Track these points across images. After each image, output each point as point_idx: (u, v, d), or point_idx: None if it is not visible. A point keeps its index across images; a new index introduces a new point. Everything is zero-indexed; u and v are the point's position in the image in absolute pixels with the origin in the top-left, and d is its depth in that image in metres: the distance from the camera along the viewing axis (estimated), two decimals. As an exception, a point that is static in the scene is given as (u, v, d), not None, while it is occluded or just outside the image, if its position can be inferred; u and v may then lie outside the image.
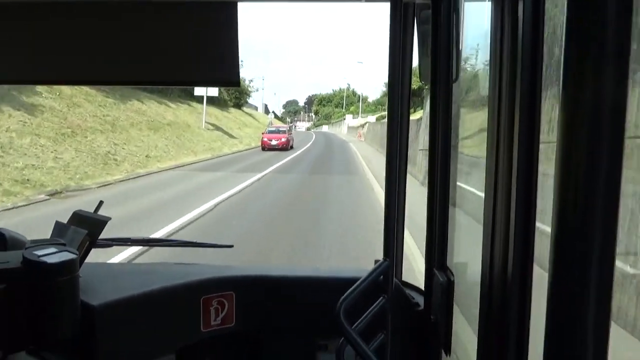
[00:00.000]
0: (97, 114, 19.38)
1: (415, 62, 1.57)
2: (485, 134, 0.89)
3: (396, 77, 1.12)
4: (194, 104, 34.34)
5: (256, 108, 75.21)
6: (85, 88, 20.82)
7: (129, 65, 1.33)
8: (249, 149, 30.43)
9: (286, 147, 29.83)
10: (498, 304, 0.83)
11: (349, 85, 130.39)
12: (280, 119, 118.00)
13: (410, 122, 2.08)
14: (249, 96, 56.77)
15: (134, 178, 15.13)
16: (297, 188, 14.05)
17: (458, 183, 1.31)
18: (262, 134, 31.75)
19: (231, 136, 34.45)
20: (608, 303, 0.60)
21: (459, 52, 1.23)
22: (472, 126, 1.26)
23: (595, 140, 0.58)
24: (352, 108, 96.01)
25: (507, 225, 0.80)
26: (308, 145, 38.89)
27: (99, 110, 19.90)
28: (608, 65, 0.57)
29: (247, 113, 53.18)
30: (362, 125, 56.93)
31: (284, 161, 22.99)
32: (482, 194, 0.89)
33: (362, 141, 47.10)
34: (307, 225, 8.98)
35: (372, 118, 52.61)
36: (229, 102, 46.46)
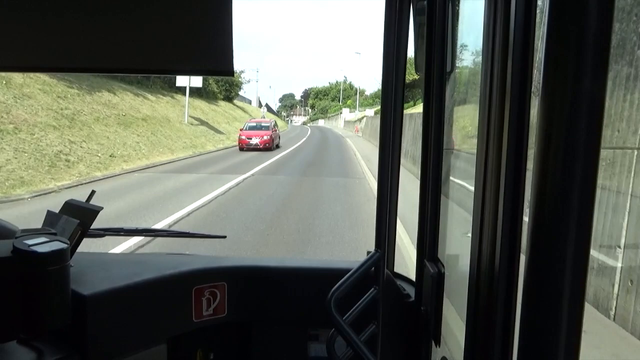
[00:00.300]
0: (53, 107, 16.48)
1: (410, 53, 1.54)
2: (477, 126, 0.88)
3: (390, 69, 1.16)
4: (178, 96, 31.60)
5: (250, 102, 72.23)
6: (43, 77, 17.89)
7: (120, 53, 1.25)
8: (236, 146, 27.79)
9: (270, 147, 25.35)
10: (486, 295, 0.84)
11: (345, 78, 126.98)
12: (277, 113, 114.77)
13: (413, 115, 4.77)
14: (240, 88, 53.70)
15: (87, 183, 12.66)
16: (284, 197, 11.58)
17: (450, 176, 1.31)
18: (240, 130, 26.58)
19: (218, 131, 31.50)
20: (581, 297, 0.62)
21: (454, 44, 1.25)
22: (465, 118, 1.26)
23: (572, 135, 0.61)
24: (349, 102, 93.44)
25: (495, 218, 0.81)
26: (302, 141, 36.78)
27: (56, 103, 17.00)
28: (588, 61, 0.60)
29: (238, 106, 50.16)
30: (360, 119, 54.05)
31: (273, 159, 20.59)
32: (473, 187, 0.88)
33: (359, 136, 44.72)
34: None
35: (370, 111, 49.59)
36: (218, 94, 43.36)
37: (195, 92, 37.68)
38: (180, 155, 20.57)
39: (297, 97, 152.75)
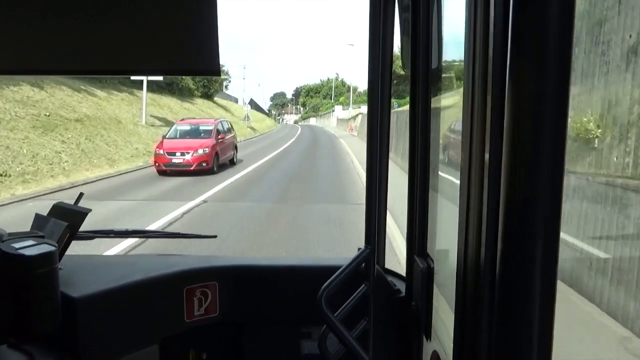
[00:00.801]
0: None
1: (397, 50, 1.56)
2: (461, 121, 0.88)
3: (377, 66, 1.17)
4: (141, 92, 26.19)
5: (236, 100, 66.76)
6: None
7: (102, 54, 1.23)
8: None
9: (208, 167, 14.63)
10: (472, 288, 0.85)
11: (337, 74, 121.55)
12: (267, 112, 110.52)
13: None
14: (226, 87, 48.19)
15: None
16: (243, 251, 6.77)
17: (439, 171, 1.31)
18: (155, 145, 15.35)
19: None
20: (553, 284, 0.66)
21: (440, 40, 1.25)
22: (452, 114, 1.27)
23: (538, 129, 0.64)
24: (341, 99, 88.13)
25: (480, 211, 0.82)
26: (289, 143, 32.50)
27: None
28: (550, 55, 0.63)
29: (219, 105, 44.78)
30: (354, 117, 48.50)
31: (249, 169, 15.76)
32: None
33: (354, 136, 39.36)
34: None
35: (365, 108, 43.88)
36: (195, 91, 37.73)
37: (165, 89, 32.05)
38: (123, 167, 15.78)
39: (289, 95, 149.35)
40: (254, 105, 79.02)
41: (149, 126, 22.82)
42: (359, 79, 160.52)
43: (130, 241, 6.10)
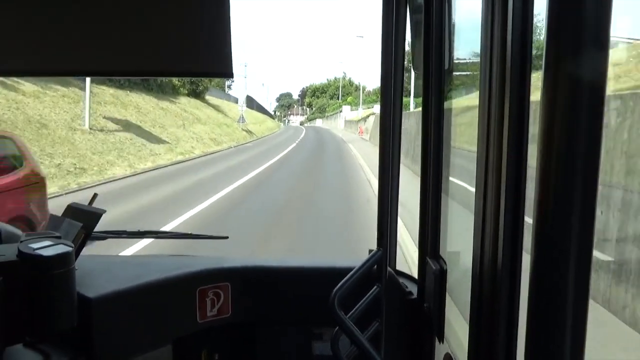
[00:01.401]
0: None
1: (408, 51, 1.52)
2: (477, 124, 0.88)
3: (389, 67, 1.17)
4: (98, 88, 20.39)
5: (237, 100, 60.61)
6: None
7: (119, 56, 1.28)
8: (183, 161, 18.21)
9: None
10: (488, 292, 0.84)
11: (344, 73, 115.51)
12: (272, 114, 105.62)
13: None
14: (226, 85, 42.14)
15: None
16: None
17: (451, 173, 1.32)
18: None
19: (155, 140, 20.01)
20: (586, 292, 0.64)
21: (451, 41, 1.24)
22: (465, 116, 1.29)
23: (573, 130, 0.61)
24: (349, 98, 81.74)
25: (497, 215, 0.81)
26: (290, 148, 27.95)
27: None
28: (587, 56, 0.60)
29: (211, 104, 38.36)
30: (365, 118, 44.66)
31: (226, 192, 11.01)
32: (474, 184, 0.89)
33: (365, 140, 34.42)
34: None
35: (378, 108, 37.01)
36: (180, 88, 31.55)
37: (139, 84, 25.72)
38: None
39: (295, 96, 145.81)
40: (255, 105, 71.24)
41: (95, 131, 16.63)
42: (368, 78, 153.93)
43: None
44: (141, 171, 15.24)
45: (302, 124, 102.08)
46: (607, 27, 0.59)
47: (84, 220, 1.32)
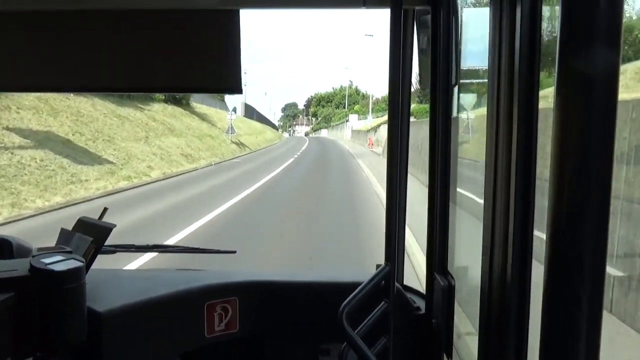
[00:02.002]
0: None
1: (415, 67, 1.58)
2: (485, 138, 0.90)
3: (397, 82, 1.17)
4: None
5: (235, 109, 54.63)
6: None
7: (132, 73, 1.36)
8: (98, 197, 12.26)
9: None
10: (497, 307, 0.85)
11: (351, 82, 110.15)
12: (274, 124, 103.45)
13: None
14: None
15: None
16: None
17: (458, 188, 1.35)
18: None
19: (94, 160, 15.18)
20: (600, 304, 0.64)
21: (458, 57, 1.28)
22: (473, 131, 1.34)
23: (586, 143, 0.62)
24: (355, 107, 77.96)
25: (506, 230, 0.82)
26: (283, 167, 22.36)
27: None
28: (599, 70, 0.61)
29: (195, 113, 33.10)
30: (375, 128, 38.83)
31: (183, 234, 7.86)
32: (482, 199, 0.91)
33: (377, 154, 28.48)
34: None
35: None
36: (157, 95, 25.79)
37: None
38: None
39: (301, 106, 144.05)
40: (254, 114, 67.95)
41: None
42: (376, 85, 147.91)
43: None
44: (61, 205, 10.52)
45: (307, 134, 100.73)
46: (618, 37, 0.60)
47: (94, 235, 1.34)
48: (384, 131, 28.83)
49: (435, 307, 1.41)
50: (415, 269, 5.85)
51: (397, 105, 1.20)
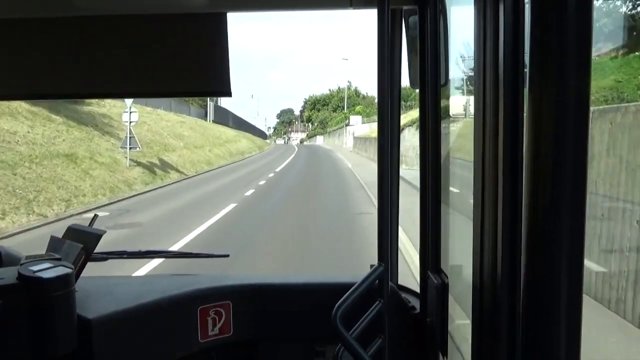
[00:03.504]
0: None
1: (405, 67, 1.66)
2: (473, 136, 0.96)
3: (385, 83, 1.17)
4: None
5: (203, 114, 40.65)
6: None
7: (120, 78, 1.38)
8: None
9: None
10: (489, 304, 0.89)
11: (349, 83, 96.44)
12: (269, 133, 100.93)
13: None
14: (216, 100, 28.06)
15: None
16: None
17: (450, 186, 1.40)
18: None
19: None
20: (579, 299, 0.67)
21: (447, 57, 1.33)
22: (462, 130, 1.36)
23: (560, 139, 0.66)
24: (357, 108, 71.51)
25: (495, 226, 0.86)
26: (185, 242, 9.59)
27: None
28: (571, 67, 0.65)
29: (72, 117, 16.96)
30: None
31: None
32: (472, 197, 0.97)
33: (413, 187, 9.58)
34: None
35: (414, 113, 20.85)
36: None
37: None
38: None
39: (297, 112, 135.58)
40: (230, 119, 55.97)
41: None
42: (372, 89, 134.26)
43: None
44: None
45: (302, 141, 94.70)
46: (588, 40, 0.64)
47: (84, 242, 1.35)
48: (410, 137, 20.57)
49: (430, 306, 1.44)
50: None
51: (386, 106, 1.20)
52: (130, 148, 18.00)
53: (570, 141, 0.65)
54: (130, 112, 18.08)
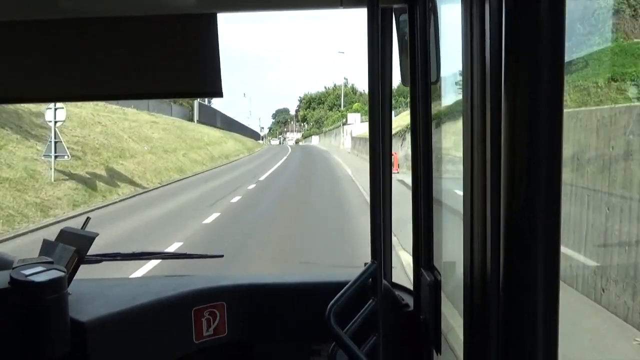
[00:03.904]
0: None
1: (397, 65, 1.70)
2: (462, 134, 0.99)
3: (376, 81, 1.18)
4: None
5: (185, 114, 37.31)
6: None
7: (112, 80, 1.37)
8: None
9: None
10: (480, 300, 0.90)
11: (346, 79, 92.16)
12: (262, 134, 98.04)
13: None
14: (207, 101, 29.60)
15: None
16: None
17: (442, 183, 1.41)
18: None
19: None
20: (556, 286, 0.70)
21: (438, 55, 1.33)
22: (452, 127, 1.35)
23: (534, 137, 0.69)
24: (355, 105, 66.93)
25: (484, 222, 0.87)
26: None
27: None
28: (544, 64, 0.68)
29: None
30: (402, 135, 20.84)
31: None
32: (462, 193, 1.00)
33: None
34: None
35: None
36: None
37: None
38: None
39: (293, 112, 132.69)
40: (218, 119, 51.21)
41: None
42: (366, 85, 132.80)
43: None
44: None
45: (297, 142, 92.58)
46: (561, 35, 0.67)
47: (77, 244, 1.35)
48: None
49: (423, 303, 1.46)
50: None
51: (377, 104, 1.20)
52: (56, 157, 13.64)
53: (544, 139, 0.69)
54: (56, 109, 13.53)
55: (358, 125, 44.10)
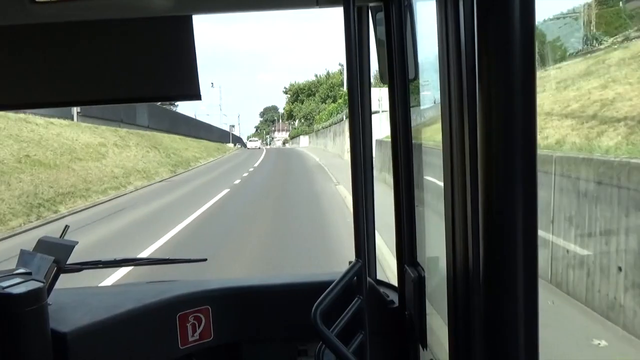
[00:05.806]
0: None
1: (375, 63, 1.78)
2: (441, 130, 1.07)
3: (354, 79, 1.22)
4: None
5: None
6: None
7: (88, 84, 1.37)
8: None
9: None
10: (463, 295, 0.95)
11: (341, 65, 72.54)
12: (256, 131, 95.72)
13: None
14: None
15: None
16: None
17: (425, 179, 1.47)
18: None
19: None
20: (534, 280, 0.73)
21: (415, 52, 1.39)
22: (432, 123, 1.41)
23: (508, 134, 0.70)
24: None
25: (465, 216, 0.92)
26: None
27: None
28: (516, 60, 0.70)
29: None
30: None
31: None
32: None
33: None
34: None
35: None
36: None
37: None
38: None
39: (281, 110, 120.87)
40: (167, 120, 38.13)
41: None
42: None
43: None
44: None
45: (284, 143, 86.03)
46: (531, 30, 0.70)
47: (56, 254, 1.36)
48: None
49: (407, 299, 1.51)
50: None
51: (356, 102, 1.22)
52: None
53: (519, 133, 0.70)
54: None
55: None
